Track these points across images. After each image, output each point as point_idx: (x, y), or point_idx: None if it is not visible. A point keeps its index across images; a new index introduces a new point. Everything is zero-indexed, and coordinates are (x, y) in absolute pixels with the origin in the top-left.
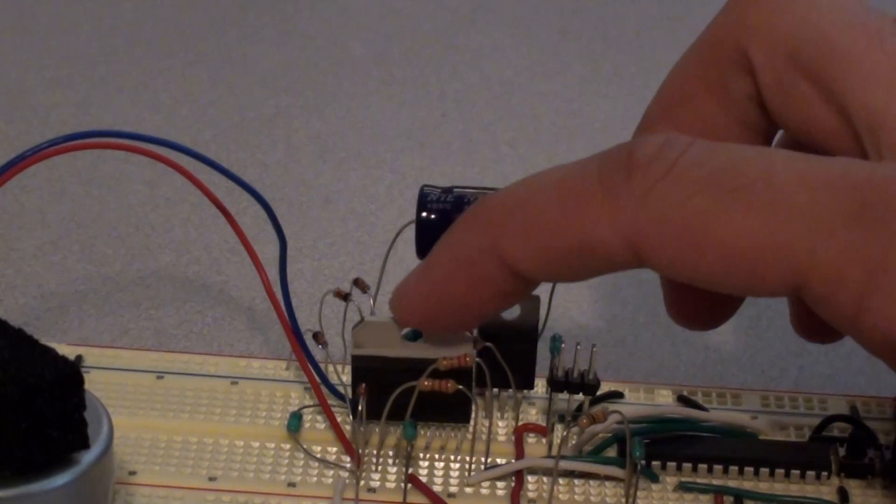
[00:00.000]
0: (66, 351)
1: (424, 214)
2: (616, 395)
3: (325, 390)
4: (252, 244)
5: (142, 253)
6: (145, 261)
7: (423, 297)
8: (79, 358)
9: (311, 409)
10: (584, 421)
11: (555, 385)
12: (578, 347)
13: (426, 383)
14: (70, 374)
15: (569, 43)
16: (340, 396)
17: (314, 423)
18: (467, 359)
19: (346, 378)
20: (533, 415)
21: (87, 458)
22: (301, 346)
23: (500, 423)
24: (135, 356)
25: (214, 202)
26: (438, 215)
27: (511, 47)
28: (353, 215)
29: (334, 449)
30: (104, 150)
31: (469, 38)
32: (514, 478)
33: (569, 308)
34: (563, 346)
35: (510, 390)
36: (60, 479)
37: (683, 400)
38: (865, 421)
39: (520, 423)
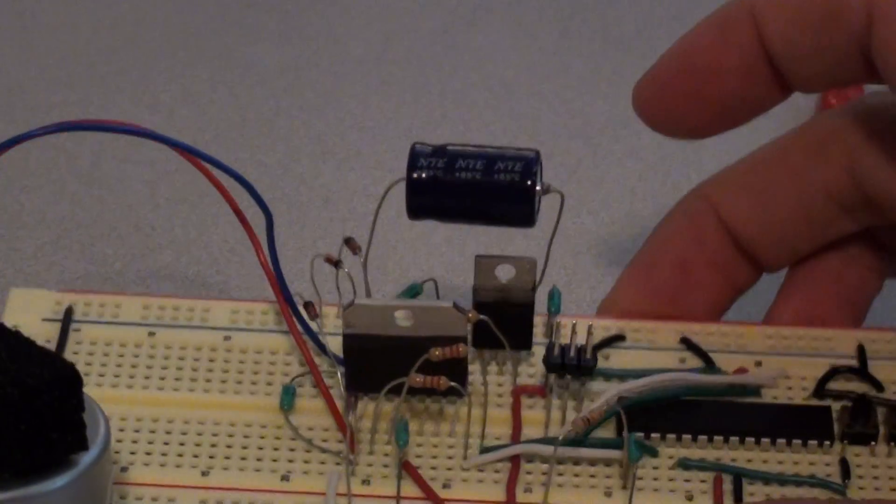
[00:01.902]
0: (57, 298)
1: (415, 175)
2: (618, 339)
3: (317, 364)
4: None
5: (142, 253)
6: (145, 261)
7: (673, 59)
8: (69, 310)
9: (300, 381)
10: (580, 423)
11: (551, 367)
12: (575, 325)
13: (417, 380)
14: (69, 376)
15: (569, 43)
16: (337, 360)
17: (308, 397)
18: (459, 349)
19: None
20: (531, 377)
21: (86, 459)
22: (295, 316)
23: (499, 385)
24: (126, 302)
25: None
26: (430, 176)
27: (511, 47)
28: (353, 215)
29: (327, 425)
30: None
31: (469, 38)
32: (510, 462)
33: (570, 308)
34: (558, 319)
35: (509, 354)
36: (59, 481)
37: (687, 343)
38: (873, 363)
39: (517, 385)
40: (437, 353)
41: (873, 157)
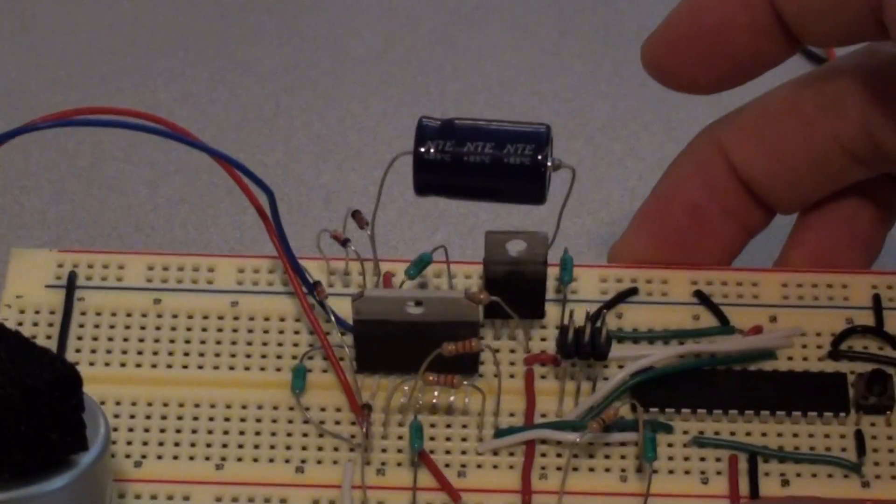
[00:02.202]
0: (59, 259)
1: (423, 149)
2: (631, 293)
3: (326, 330)
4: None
5: None
6: None
7: (682, 16)
8: (72, 275)
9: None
10: (594, 426)
11: (565, 352)
12: (589, 312)
13: (430, 378)
14: (68, 376)
15: (569, 43)
16: (348, 328)
17: (319, 371)
18: (472, 344)
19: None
20: (544, 340)
21: (86, 459)
22: (306, 289)
23: (511, 352)
24: (130, 260)
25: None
26: (438, 152)
27: (511, 47)
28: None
29: (339, 403)
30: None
31: (469, 38)
32: (525, 444)
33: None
34: (572, 269)
35: (521, 326)
36: (59, 481)
37: (700, 297)
38: (889, 313)
39: (530, 353)
40: (450, 347)
41: (887, 111)
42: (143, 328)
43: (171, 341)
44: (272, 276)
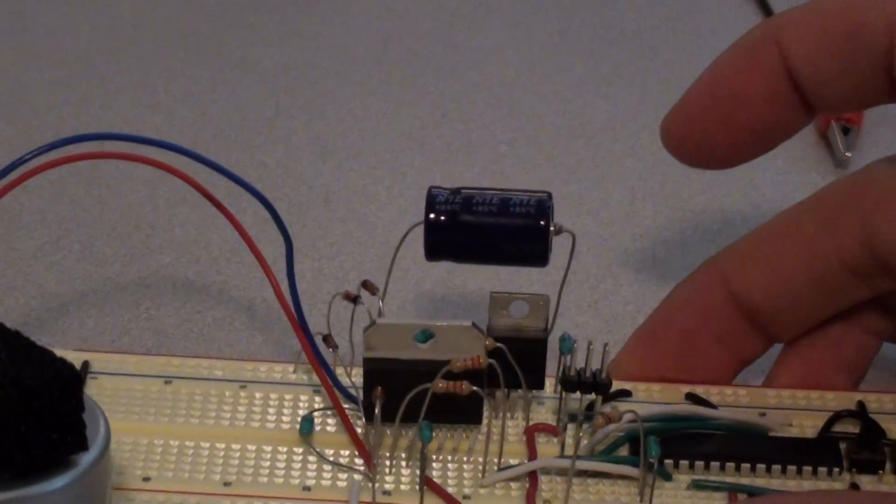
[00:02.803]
0: (73, 357)
1: (433, 216)
2: (624, 394)
3: (336, 393)
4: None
5: (142, 253)
6: (145, 261)
7: (701, 89)
8: (85, 364)
9: (321, 413)
10: (600, 420)
11: (567, 385)
12: (591, 346)
13: (440, 385)
14: (68, 376)
15: (569, 43)
16: (352, 399)
17: (325, 426)
18: (480, 360)
19: (357, 380)
20: (543, 414)
21: (86, 459)
22: (312, 348)
23: (511, 423)
24: (141, 361)
25: (217, 206)
26: (447, 217)
27: (511, 47)
28: (352, 215)
29: (347, 452)
30: (105, 147)
31: (469, 38)
32: (528, 479)
33: (569, 308)
34: (574, 344)
35: (520, 391)
36: (59, 481)
37: (692, 398)
38: (873, 416)
39: (531, 424)
40: (458, 363)
41: (886, 223)
42: (153, 401)
43: (182, 407)
44: (279, 375)
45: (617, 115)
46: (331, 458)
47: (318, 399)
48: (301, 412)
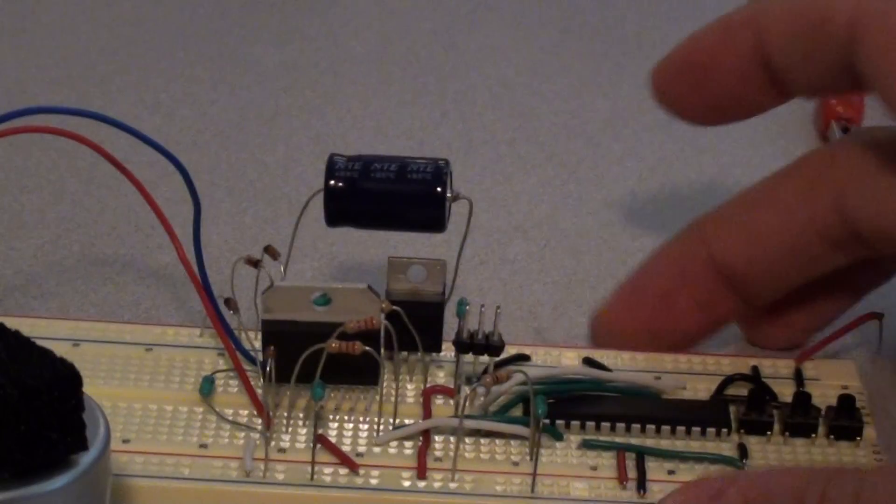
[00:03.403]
0: None
1: (332, 182)
2: (522, 358)
3: (238, 355)
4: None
5: (142, 253)
6: (145, 261)
7: (681, 52)
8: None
9: (223, 375)
10: (488, 380)
11: (460, 346)
12: (483, 309)
13: (334, 345)
14: (68, 376)
15: (569, 43)
16: (253, 360)
17: (227, 387)
18: (374, 321)
19: (259, 344)
20: (441, 377)
21: (86, 459)
22: (216, 313)
23: (409, 386)
24: (49, 325)
25: (123, 171)
26: (346, 183)
27: (511, 47)
28: None
29: (245, 412)
30: (105, 147)
31: (469, 38)
32: (421, 438)
33: (570, 309)
34: (467, 308)
35: (418, 353)
36: (59, 481)
37: (589, 362)
38: (766, 381)
39: (428, 386)
40: (352, 324)
41: (860, 194)
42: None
43: (88, 370)
44: (188, 338)
45: (617, 115)
46: (229, 418)
47: (221, 362)
48: (204, 373)
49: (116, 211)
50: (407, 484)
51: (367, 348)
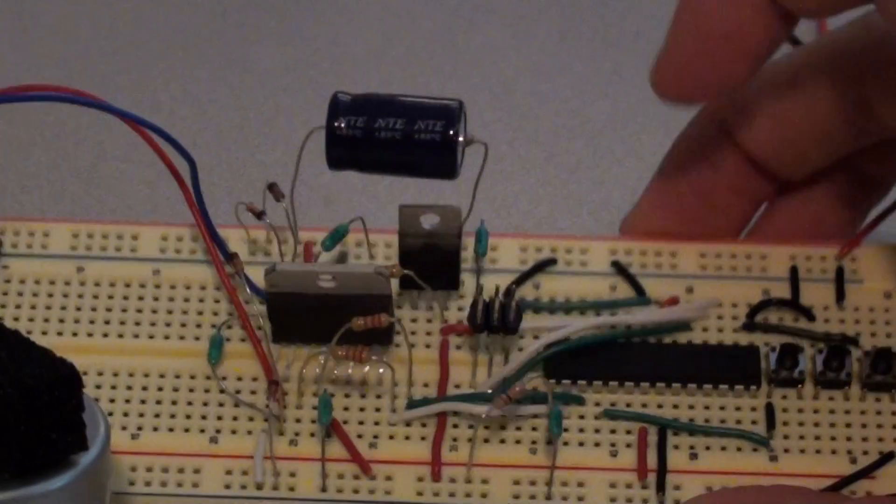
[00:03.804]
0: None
1: (336, 126)
2: (549, 263)
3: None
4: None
5: None
6: None
7: (687, 34)
8: None
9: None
10: (500, 401)
11: (476, 327)
12: (499, 289)
13: (340, 353)
14: (68, 376)
15: (569, 43)
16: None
17: (237, 340)
18: (381, 319)
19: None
20: (461, 310)
21: (86, 459)
22: (224, 268)
23: (428, 321)
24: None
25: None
26: (349, 135)
27: (511, 47)
28: (352, 215)
29: (256, 382)
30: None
31: (469, 38)
32: (437, 416)
33: None
34: (487, 241)
35: (436, 294)
36: (59, 481)
37: (618, 268)
38: (806, 285)
39: (446, 324)
40: (359, 322)
41: (882, 81)
42: (65, 296)
43: (93, 309)
44: (195, 244)
45: (617, 115)
46: (238, 389)
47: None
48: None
49: (116, 211)
50: (418, 495)
51: (393, 319)
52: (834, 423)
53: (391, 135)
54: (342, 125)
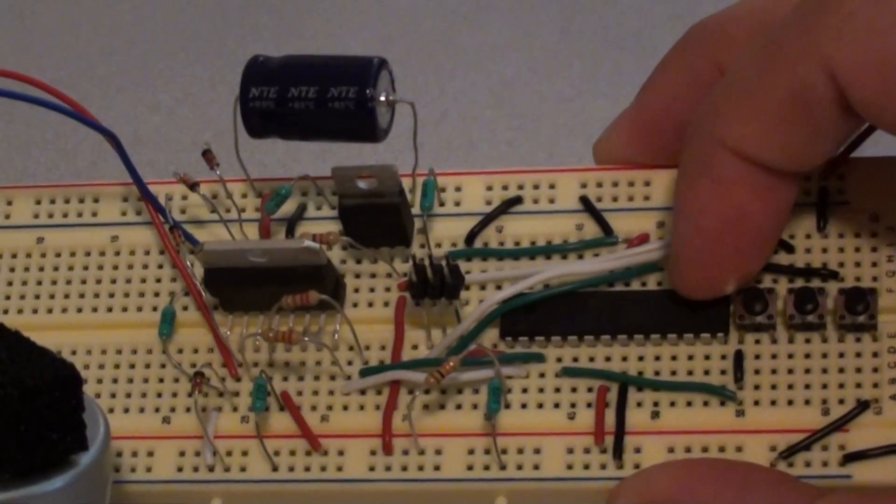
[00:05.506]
0: None
1: (249, 103)
2: (514, 202)
3: (203, 295)
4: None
5: None
6: None
7: (697, 239)
8: None
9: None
10: (433, 380)
11: (415, 293)
12: (440, 251)
13: (289, 301)
14: (68, 376)
15: (569, 43)
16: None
17: (193, 309)
18: (308, 298)
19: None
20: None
21: (86, 459)
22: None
23: (387, 280)
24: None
25: None
26: (262, 108)
27: (511, 47)
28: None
29: (208, 342)
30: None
31: (469, 38)
32: (389, 385)
33: None
34: (434, 195)
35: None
36: (59, 481)
37: (585, 203)
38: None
39: (402, 280)
40: (288, 301)
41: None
42: (26, 270)
43: (53, 283)
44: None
45: (617, 114)
46: (192, 362)
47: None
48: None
49: None
50: (370, 471)
51: (323, 297)
52: (809, 369)
53: (305, 105)
54: (255, 96)
